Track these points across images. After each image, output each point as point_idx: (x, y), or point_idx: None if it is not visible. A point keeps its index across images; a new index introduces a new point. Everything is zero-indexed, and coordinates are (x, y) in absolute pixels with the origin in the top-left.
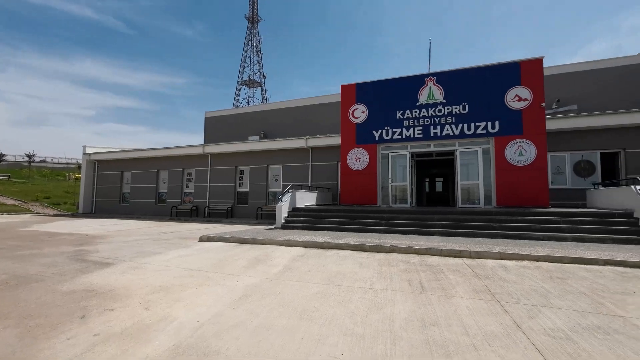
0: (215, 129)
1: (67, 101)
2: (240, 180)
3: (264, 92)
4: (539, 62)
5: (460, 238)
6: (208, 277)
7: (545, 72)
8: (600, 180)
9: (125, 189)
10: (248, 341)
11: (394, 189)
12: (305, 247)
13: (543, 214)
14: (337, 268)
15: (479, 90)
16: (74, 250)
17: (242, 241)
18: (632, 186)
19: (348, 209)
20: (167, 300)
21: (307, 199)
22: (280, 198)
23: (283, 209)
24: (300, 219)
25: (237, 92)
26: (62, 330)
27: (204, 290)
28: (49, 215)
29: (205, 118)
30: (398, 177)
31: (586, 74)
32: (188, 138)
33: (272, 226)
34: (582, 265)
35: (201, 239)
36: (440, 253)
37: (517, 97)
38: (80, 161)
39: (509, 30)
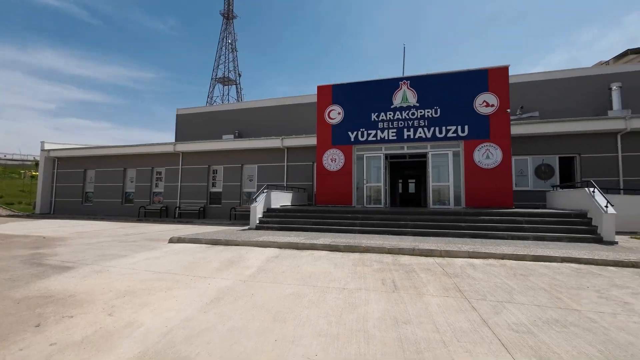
0: (188, 126)
1: (23, 93)
2: (213, 179)
3: (239, 90)
4: (504, 70)
5: (432, 238)
6: (178, 280)
7: (511, 80)
8: (558, 183)
9: (88, 188)
10: (220, 345)
11: (368, 189)
12: (279, 247)
13: (507, 214)
14: (311, 269)
15: (450, 95)
16: (30, 253)
17: (215, 242)
18: (586, 188)
19: (323, 210)
20: (133, 305)
21: (282, 199)
22: (255, 198)
23: (257, 210)
24: (275, 219)
25: (211, 89)
26: (13, 340)
27: (174, 294)
28: (1, 215)
29: (177, 115)
30: (373, 178)
31: (547, 83)
32: (158, 136)
33: (247, 227)
34: (542, 263)
35: (171, 241)
36: (413, 252)
37: (485, 103)
38: (37, 158)
39: (478, 39)
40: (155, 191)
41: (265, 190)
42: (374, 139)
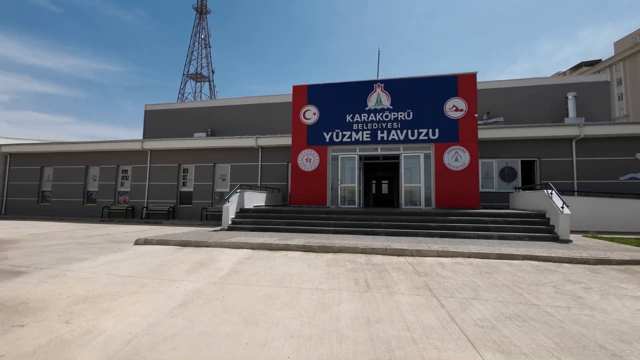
0: (157, 123)
1: None
2: (183, 179)
3: (212, 87)
4: (473, 76)
5: (403, 237)
6: (144, 284)
7: (478, 87)
8: (520, 185)
9: (45, 187)
10: (188, 351)
11: (343, 190)
12: (252, 249)
13: (474, 215)
14: (285, 269)
15: (422, 99)
16: None
17: (185, 244)
18: (545, 190)
19: (298, 210)
20: (94, 311)
21: (256, 199)
22: (228, 198)
23: (230, 210)
24: (248, 220)
25: (183, 85)
26: None
27: (139, 299)
28: None
29: (146, 111)
30: (347, 179)
31: (511, 91)
32: (125, 132)
33: (218, 228)
34: (506, 261)
35: (137, 242)
36: (385, 252)
37: (455, 107)
38: None
39: (448, 45)
40: (120, 190)
41: (238, 190)
42: (349, 140)
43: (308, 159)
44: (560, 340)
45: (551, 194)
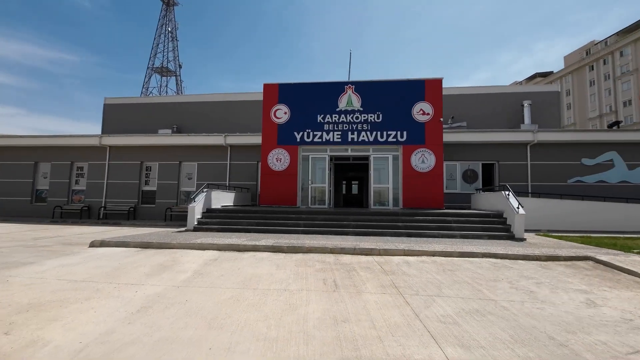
0: (117, 118)
1: None
2: (146, 177)
3: (179, 82)
4: (439, 81)
5: (372, 237)
6: (98, 289)
7: (443, 92)
8: (481, 187)
9: None
10: (146, 359)
11: (313, 190)
12: (219, 250)
13: (439, 215)
14: (253, 271)
15: (392, 102)
16: None
17: (146, 245)
18: (502, 192)
19: (267, 210)
20: (39, 320)
21: (224, 199)
22: (194, 198)
23: (196, 210)
24: (215, 220)
25: (147, 79)
26: None
27: (92, 305)
28: None
29: (105, 105)
30: (318, 179)
31: (473, 97)
32: (81, 127)
33: (184, 228)
34: (467, 258)
35: (92, 245)
36: (354, 252)
37: (422, 111)
38: None
39: (417, 50)
40: (75, 189)
41: (205, 190)
42: (320, 140)
43: (278, 159)
44: (515, 332)
45: (508, 195)
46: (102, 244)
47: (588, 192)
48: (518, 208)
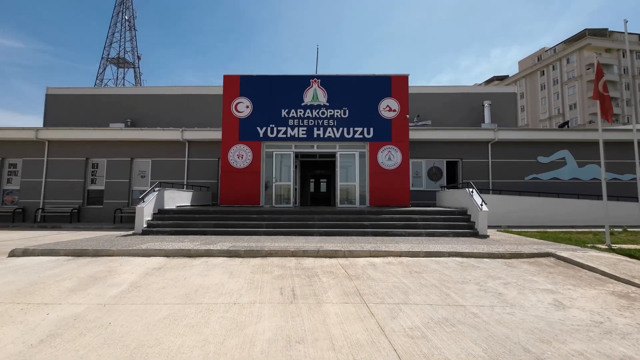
0: (62, 110)
1: None
2: (93, 175)
3: (138, 74)
4: (405, 78)
5: (338, 237)
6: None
7: (409, 90)
8: (446, 184)
9: None
10: None
11: (278, 188)
12: (167, 256)
13: (405, 212)
14: (201, 280)
15: (358, 98)
16: None
17: (80, 253)
18: (467, 189)
19: (227, 210)
20: None
21: (179, 198)
22: (142, 198)
23: (145, 211)
24: (168, 222)
25: (101, 70)
26: None
27: None
28: None
29: (47, 95)
30: (282, 177)
31: (437, 96)
32: (27, 121)
33: (131, 232)
34: (433, 258)
35: (13, 254)
36: (317, 254)
37: (388, 108)
38: None
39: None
40: (6, 189)
41: (156, 189)
42: (284, 136)
43: (240, 155)
44: (488, 345)
45: (472, 192)
46: (25, 252)
47: (543, 189)
48: (482, 205)
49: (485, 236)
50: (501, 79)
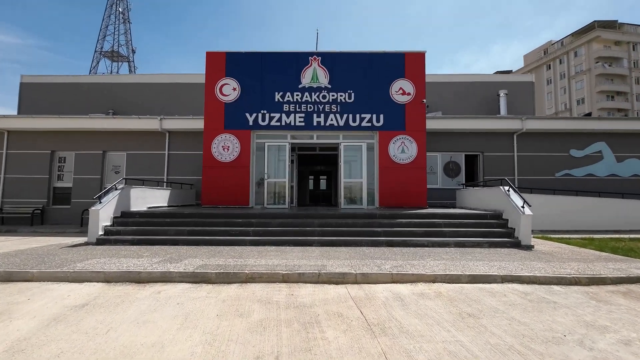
0: (39, 100)
1: None
2: (59, 170)
3: (132, 68)
4: (421, 56)
5: (343, 249)
6: None
7: None
8: (464, 181)
9: None
10: None
11: (270, 186)
12: (107, 281)
13: (424, 216)
14: (131, 336)
15: (366, 79)
16: None
17: None
18: (501, 187)
19: (207, 213)
20: None
21: (153, 198)
22: (99, 197)
23: (102, 214)
24: (131, 228)
25: (95, 64)
26: None
27: None
28: None
29: (22, 84)
30: (276, 173)
31: (447, 86)
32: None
33: (84, 239)
34: (483, 285)
35: None
36: (318, 279)
37: (402, 91)
38: None
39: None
40: None
41: (119, 186)
42: (278, 123)
43: (226, 147)
44: None
45: (508, 191)
46: None
47: (577, 187)
48: (523, 207)
49: (530, 246)
50: (504, 73)
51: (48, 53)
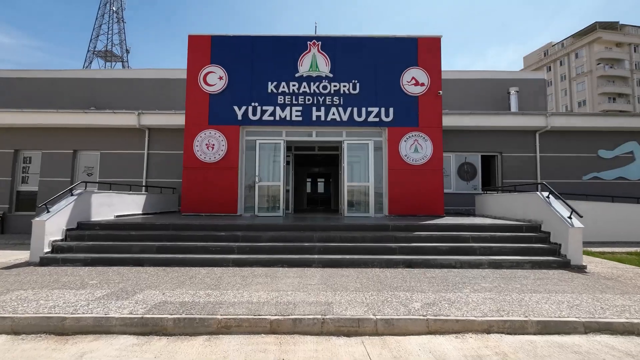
0: (13, 97)
1: None
2: (24, 172)
3: (126, 68)
4: (437, 41)
5: (351, 271)
6: None
7: None
8: (481, 184)
9: None
10: None
11: (263, 190)
12: (15, 333)
13: (446, 227)
14: None
15: (373, 67)
16: None
17: None
18: (538, 192)
19: (183, 224)
20: None
21: (122, 205)
22: (47, 205)
23: (49, 227)
24: (88, 244)
25: (87, 64)
26: None
27: None
28: None
29: None
30: (270, 175)
31: (453, 83)
32: None
33: (24, 258)
34: (561, 340)
35: None
36: (321, 327)
37: (414, 81)
38: None
39: None
40: None
41: (76, 191)
42: (271, 118)
43: (210, 145)
44: None
45: (548, 197)
46: None
47: (606, 191)
48: (571, 218)
49: (582, 267)
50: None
51: (42, 54)
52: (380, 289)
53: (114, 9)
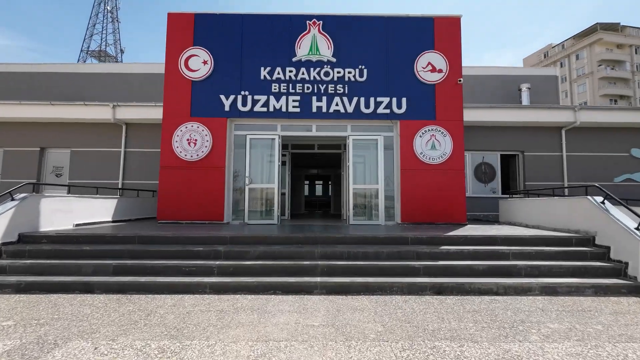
0: None
1: None
2: None
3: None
4: (456, 21)
5: (364, 301)
6: None
7: None
8: (499, 187)
9: None
10: None
11: (254, 194)
12: None
13: (478, 241)
14: None
15: (383, 51)
16: None
17: None
18: (589, 197)
19: (151, 236)
20: None
21: (85, 211)
22: None
23: None
24: (27, 262)
25: (81, 63)
26: None
27: None
28: None
29: None
30: (262, 176)
31: (471, 78)
32: None
33: None
34: None
35: None
36: None
37: (431, 67)
38: None
39: None
40: None
41: (19, 195)
42: (264, 109)
43: (192, 140)
44: None
45: (603, 203)
46: None
47: (638, 195)
48: (638, 229)
49: None
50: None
51: (36, 54)
52: (412, 335)
53: (108, 8)
